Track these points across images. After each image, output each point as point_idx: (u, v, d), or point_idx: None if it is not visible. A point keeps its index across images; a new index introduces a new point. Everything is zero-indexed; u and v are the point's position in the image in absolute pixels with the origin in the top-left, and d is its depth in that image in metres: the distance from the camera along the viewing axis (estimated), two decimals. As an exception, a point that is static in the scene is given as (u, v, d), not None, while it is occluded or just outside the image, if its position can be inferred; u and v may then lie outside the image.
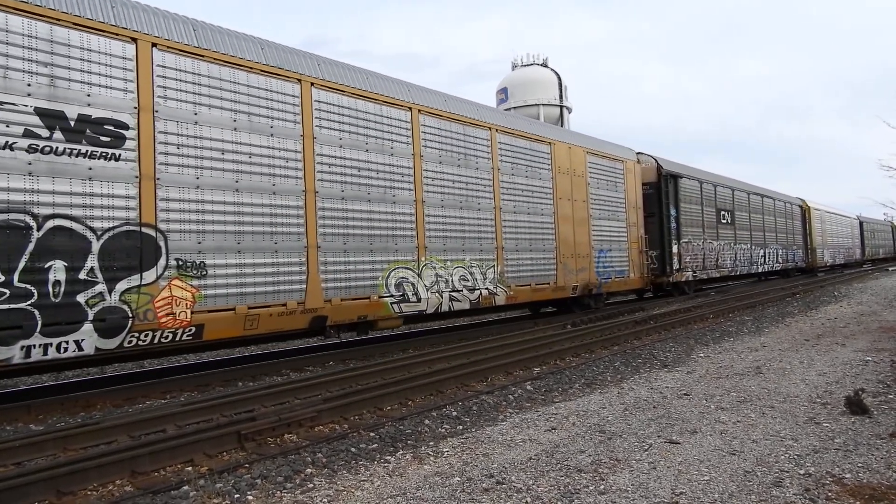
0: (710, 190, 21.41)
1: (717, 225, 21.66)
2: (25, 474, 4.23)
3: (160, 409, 6.42)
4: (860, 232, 46.56)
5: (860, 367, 7.56)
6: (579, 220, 14.43)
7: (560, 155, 14.09)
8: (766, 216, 27.07)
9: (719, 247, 21.64)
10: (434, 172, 10.89)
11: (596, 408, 6.08)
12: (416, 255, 10.29)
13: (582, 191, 14.68)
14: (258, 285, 8.00)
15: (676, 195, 18.73)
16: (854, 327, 11.39)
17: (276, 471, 4.46)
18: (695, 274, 19.49)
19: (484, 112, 12.39)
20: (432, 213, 10.72)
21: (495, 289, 11.79)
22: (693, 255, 19.45)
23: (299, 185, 8.68)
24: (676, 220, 18.56)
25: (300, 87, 8.79)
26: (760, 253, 25.75)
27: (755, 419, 5.43)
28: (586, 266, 14.51)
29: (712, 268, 20.97)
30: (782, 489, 3.84)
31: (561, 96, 37.60)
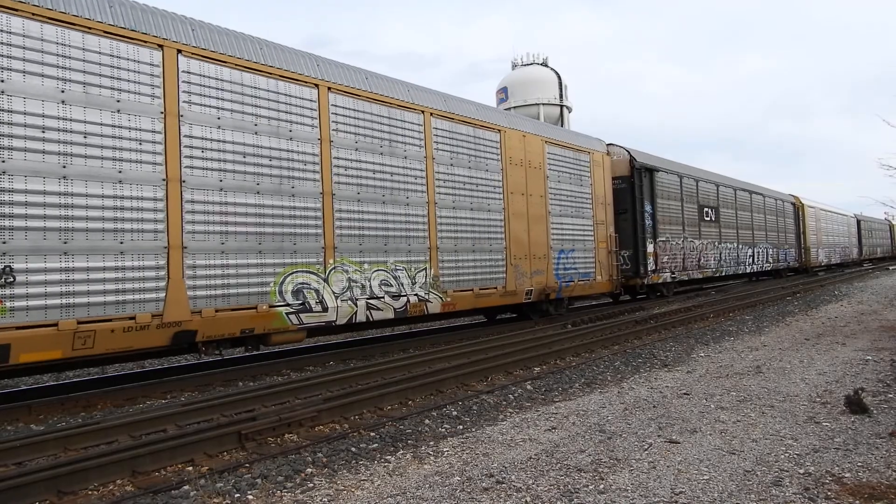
0: (691, 185, 20.15)
1: (699, 223, 20.35)
2: (26, 474, 4.23)
3: (161, 409, 6.43)
4: (857, 230, 45.26)
5: (860, 367, 7.56)
6: (535, 216, 13.06)
7: (512, 144, 12.62)
8: (755, 213, 25.72)
9: (702, 246, 20.39)
10: (348, 161, 9.38)
11: (596, 407, 6.08)
12: (323, 257, 8.86)
13: (539, 184, 13.24)
14: (93, 294, 6.55)
15: (652, 190, 17.44)
16: (854, 326, 11.39)
17: (276, 470, 4.47)
18: (673, 275, 18.22)
19: (416, 93, 10.85)
20: (345, 208, 9.25)
21: (427, 295, 10.35)
22: (672, 255, 18.22)
23: (158, 173, 7.21)
24: (652, 218, 17.31)
25: (162, 54, 7.36)
26: (748, 252, 24.45)
27: (755, 418, 5.44)
28: (543, 268, 13.10)
29: (694, 268, 19.71)
30: (782, 488, 3.84)
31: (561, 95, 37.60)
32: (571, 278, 14.04)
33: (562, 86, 37.78)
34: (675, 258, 18.45)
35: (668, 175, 18.68)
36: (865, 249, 47.16)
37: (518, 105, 36.50)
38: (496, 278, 11.97)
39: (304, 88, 8.88)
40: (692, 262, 19.64)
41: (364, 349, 10.45)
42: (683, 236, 19.12)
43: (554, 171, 13.83)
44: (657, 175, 17.84)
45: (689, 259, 19.46)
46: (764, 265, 26.23)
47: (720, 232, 21.92)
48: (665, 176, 18.45)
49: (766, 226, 26.84)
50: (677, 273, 18.49)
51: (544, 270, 13.18)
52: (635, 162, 16.89)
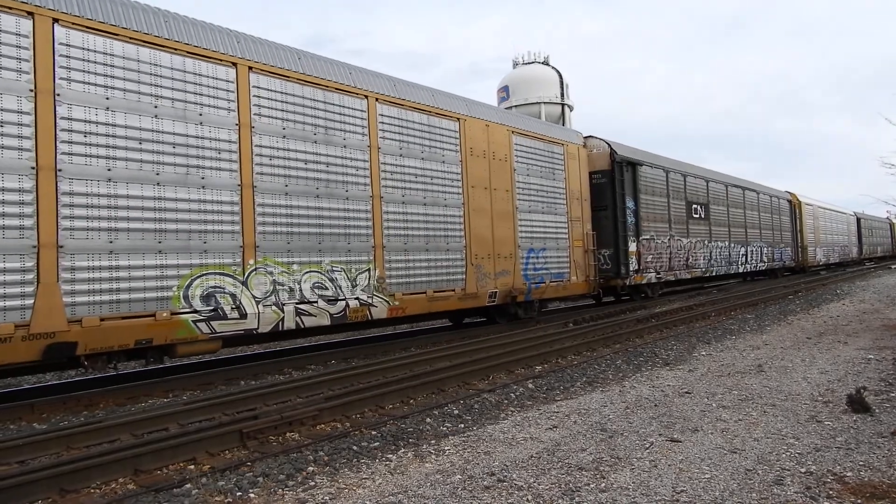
0: (678, 180, 19.01)
1: (687, 220, 19.27)
2: (29, 472, 4.25)
3: (163, 407, 6.44)
4: (857, 229, 44.15)
5: (862, 366, 7.55)
6: (500, 213, 12.09)
7: (473, 134, 11.64)
8: (749, 211, 24.55)
9: (690, 245, 19.26)
10: (273, 149, 8.41)
11: (597, 406, 6.08)
12: (241, 258, 7.89)
13: (505, 178, 12.29)
14: None
15: (635, 185, 16.42)
16: (856, 325, 11.37)
17: (278, 469, 4.48)
18: (659, 276, 17.20)
19: (360, 76, 9.83)
20: (270, 202, 8.29)
21: (370, 299, 9.41)
22: (657, 255, 17.15)
23: (25, 160, 6.26)
24: (635, 214, 16.27)
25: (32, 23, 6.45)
26: (741, 251, 23.32)
27: (756, 417, 5.43)
28: (510, 269, 12.14)
29: (681, 268, 18.59)
30: (783, 487, 3.84)
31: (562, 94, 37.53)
32: (542, 279, 13.03)
33: (563, 84, 37.72)
34: (660, 257, 17.41)
35: (653, 169, 17.70)
36: (866, 248, 46.25)
37: (519, 104, 36.46)
38: (454, 280, 11.00)
39: (218, 67, 7.95)
40: (679, 261, 18.57)
41: (366, 348, 10.46)
42: (670, 234, 18.08)
43: (522, 164, 12.91)
44: (640, 169, 16.83)
45: (677, 258, 18.39)
46: (758, 265, 25.27)
47: (710, 230, 20.86)
48: (649, 170, 17.44)
49: (761, 224, 25.80)
50: (663, 273, 17.51)
51: (511, 271, 12.23)
52: (616, 155, 15.85)
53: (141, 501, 4.00)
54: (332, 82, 9.33)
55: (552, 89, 37.41)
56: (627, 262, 15.75)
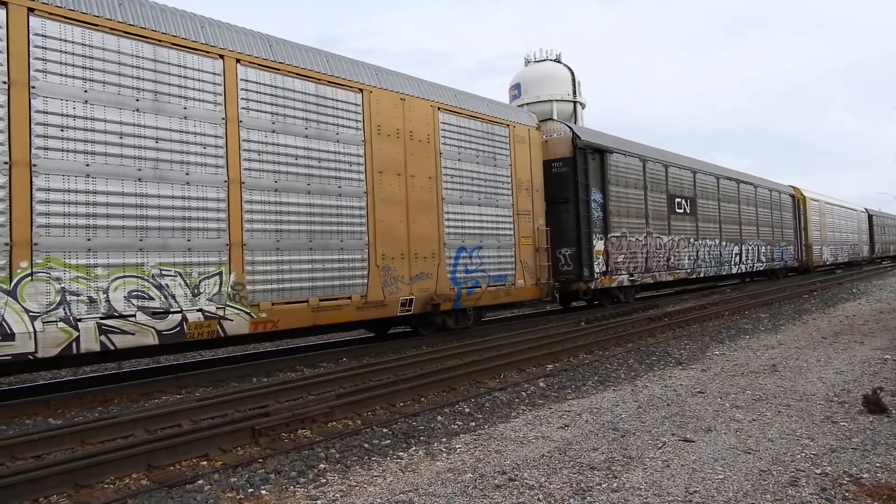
0: (657, 171, 17.01)
1: (668, 215, 17.30)
2: (44, 467, 4.30)
3: (176, 404, 6.49)
4: (869, 226, 41.45)
5: (879, 366, 7.45)
6: (420, 204, 10.17)
7: (382, 108, 9.64)
8: (744, 206, 22.50)
9: (672, 243, 17.34)
10: (73, 118, 6.60)
11: (609, 405, 6.05)
12: (7, 259, 6.04)
13: (427, 163, 10.38)
14: None
15: (603, 175, 14.57)
16: (873, 325, 11.23)
17: (289, 466, 4.49)
18: (633, 278, 15.42)
19: (214, 31, 7.97)
20: (60, 186, 6.44)
21: (221, 310, 7.57)
22: (630, 254, 15.35)
23: None
24: (603, 208, 14.48)
25: None
26: (734, 250, 21.30)
27: (771, 418, 5.38)
28: (432, 271, 10.28)
29: (661, 269, 16.63)
30: (798, 489, 3.80)
31: (574, 92, 37.43)
32: (477, 283, 11.16)
33: (575, 82, 37.61)
34: (634, 257, 15.50)
35: (627, 158, 15.77)
36: (878, 247, 43.72)
37: (531, 101, 36.38)
38: (352, 285, 9.10)
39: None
40: (659, 261, 16.60)
41: (377, 346, 10.48)
42: (646, 231, 16.15)
43: (452, 147, 10.95)
44: (610, 157, 14.91)
45: (655, 258, 16.40)
46: (755, 264, 23.22)
47: (697, 227, 18.88)
48: (621, 159, 15.54)
49: (759, 220, 23.68)
50: (638, 275, 15.62)
51: (433, 274, 10.34)
52: (578, 140, 13.91)
53: (154, 497, 4.03)
54: (169, 37, 7.46)
55: (564, 87, 37.31)
56: (591, 263, 13.88)
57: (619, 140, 16.21)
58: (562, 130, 14.17)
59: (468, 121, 11.44)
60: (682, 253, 17.95)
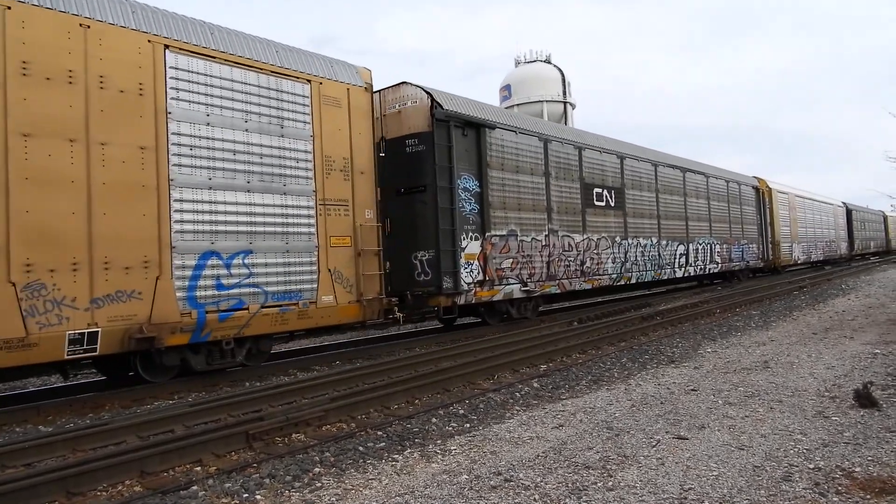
0: (566, 154, 13.85)
1: (583, 209, 14.19)
2: (36, 475, 4.25)
3: (168, 409, 6.45)
4: (847, 222, 38.74)
5: (869, 360, 7.52)
6: (119, 187, 6.98)
7: (36, 36, 6.49)
8: (693, 199, 19.47)
9: (588, 242, 14.24)
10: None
11: (603, 404, 6.07)
12: None
13: (138, 126, 7.19)
14: None
15: (479, 157, 11.44)
16: (862, 320, 11.33)
17: (284, 470, 4.48)
18: (527, 288, 12.29)
19: None
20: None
21: None
22: (523, 258, 12.27)
23: None
24: (479, 199, 11.38)
25: None
26: (679, 250, 18.30)
27: (763, 414, 5.41)
28: (142, 288, 7.08)
29: (573, 276, 13.64)
30: (792, 483, 3.82)
31: (564, 92, 37.60)
32: (242, 303, 7.96)
33: (565, 82, 37.79)
34: (530, 262, 12.46)
35: (519, 136, 12.58)
36: (858, 243, 40.91)
37: (521, 102, 36.54)
38: None
39: None
40: (569, 266, 13.55)
41: (370, 348, 10.46)
42: (549, 229, 13.07)
43: (193, 105, 7.71)
44: (491, 134, 11.78)
45: (563, 262, 13.37)
46: (707, 266, 20.26)
47: (626, 222, 15.83)
48: (510, 137, 12.29)
49: (712, 215, 20.71)
50: (536, 284, 12.52)
51: (145, 292, 7.11)
52: (439, 110, 10.75)
53: (148, 503, 4.00)
54: None
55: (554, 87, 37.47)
56: (457, 271, 10.66)
57: (504, 113, 13.35)
58: (417, 97, 10.96)
59: (232, 70, 8.12)
60: (604, 255, 14.81)
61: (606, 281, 14.94)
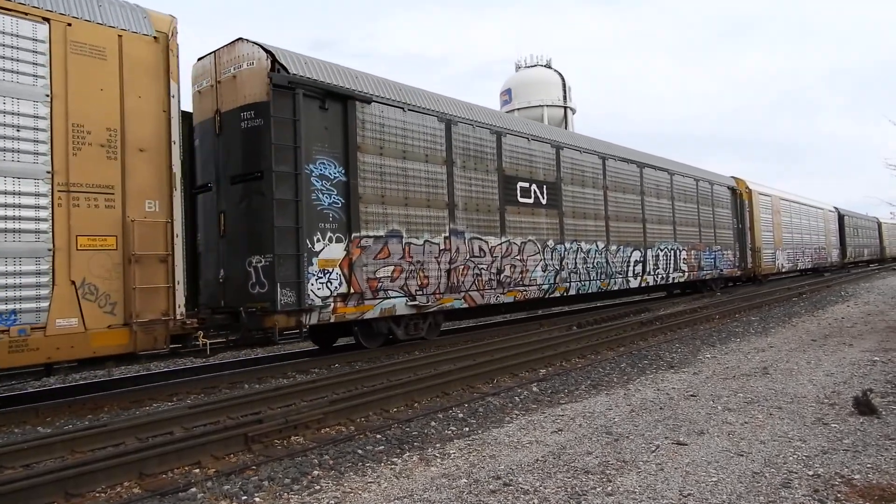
0: (477, 140, 11.39)
1: (501, 207, 11.83)
2: (34, 476, 4.25)
3: (167, 411, 6.44)
4: (839, 228, 36.83)
5: (868, 368, 7.52)
6: None
7: None
8: (652, 198, 17.18)
9: (507, 248, 11.86)
10: None
11: (602, 409, 6.07)
12: None
13: None
14: None
15: (346, 138, 9.10)
16: (861, 327, 11.33)
17: (282, 472, 4.47)
18: (416, 303, 9.90)
19: None
20: None
21: None
22: (411, 265, 9.89)
23: None
24: (344, 192, 9.02)
25: None
26: (633, 256, 15.97)
27: (763, 420, 5.41)
28: None
29: (487, 286, 11.30)
30: (791, 490, 3.82)
31: (565, 97, 37.66)
32: None
33: (565, 87, 37.86)
34: (422, 270, 10.08)
35: (408, 114, 10.11)
36: (850, 250, 38.93)
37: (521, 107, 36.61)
38: None
39: None
40: (480, 275, 11.18)
41: (368, 351, 10.44)
42: (450, 229, 10.68)
43: None
44: (364, 110, 9.36)
45: (471, 271, 11.00)
46: (671, 274, 17.81)
47: (562, 223, 13.44)
48: (392, 114, 9.84)
49: (676, 217, 18.37)
50: (431, 297, 10.19)
51: None
52: (280, 74, 8.41)
53: (146, 505, 4.00)
54: None
55: (554, 92, 37.53)
56: (301, 282, 8.30)
57: (394, 87, 10.20)
58: (254, 57, 8.56)
59: None
60: (532, 261, 12.48)
61: (535, 292, 12.56)
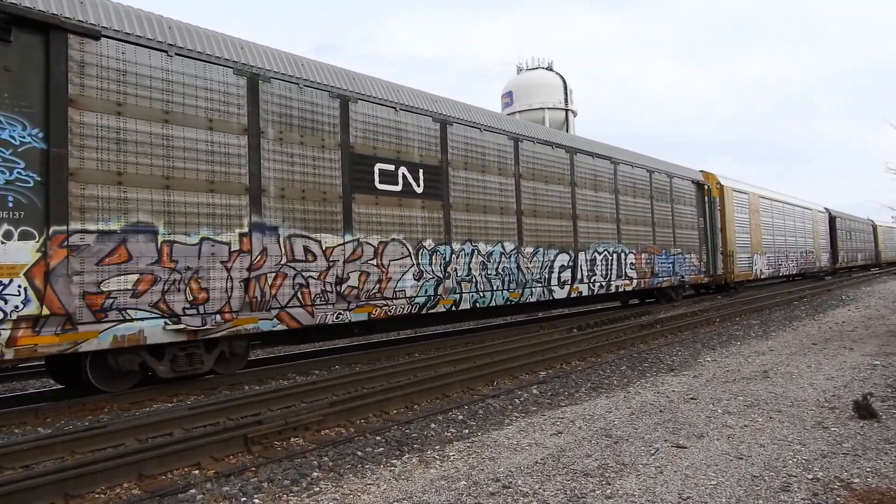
0: (305, 104, 8.72)
1: (346, 195, 9.15)
2: (34, 477, 4.25)
3: (167, 412, 6.44)
4: (830, 230, 34.34)
5: (868, 371, 7.51)
6: None
7: None
8: (588, 191, 14.57)
9: (356, 249, 9.23)
10: None
11: (602, 412, 6.06)
12: None
13: None
14: None
15: (48, 89, 6.37)
16: (862, 331, 11.32)
17: (282, 474, 4.47)
18: (181, 326, 7.20)
19: None
20: None
21: None
22: (171, 276, 7.19)
23: None
24: (41, 166, 6.29)
25: None
26: (561, 261, 13.38)
27: (762, 423, 5.41)
28: None
29: (322, 302, 8.66)
30: (790, 494, 3.82)
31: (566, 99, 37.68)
32: None
33: (567, 90, 37.88)
34: (196, 279, 7.40)
35: (174, 61, 7.35)
36: (842, 255, 36.29)
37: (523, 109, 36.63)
38: None
39: None
40: (306, 286, 8.51)
41: (369, 353, 10.45)
42: (251, 223, 7.99)
43: None
44: (86, 48, 6.67)
45: (292, 280, 8.34)
46: (613, 282, 15.21)
47: (447, 219, 10.80)
48: (146, 59, 7.15)
49: (621, 215, 15.88)
50: (213, 317, 7.54)
51: None
52: None
53: (145, 506, 4.00)
54: None
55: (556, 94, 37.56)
56: None
57: (145, 18, 7.27)
58: None
59: None
60: (397, 267, 9.87)
61: (403, 306, 9.90)
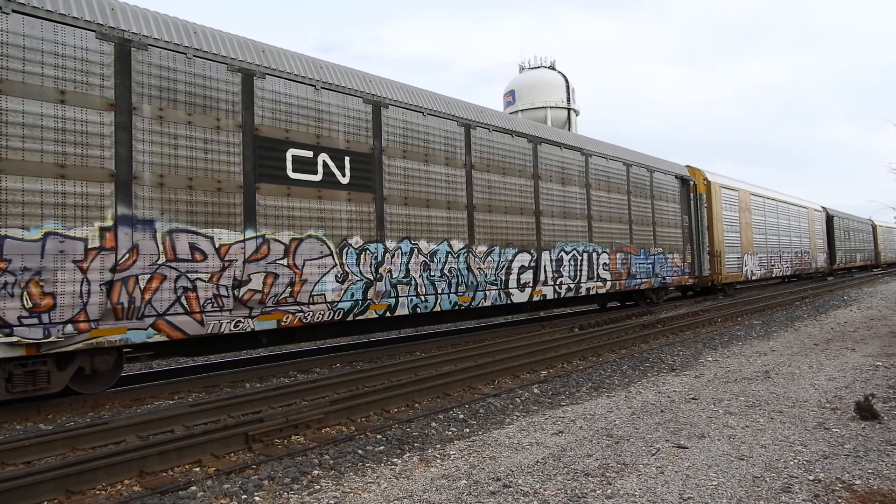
0: (195, 75, 7.47)
1: (248, 184, 7.93)
2: (35, 473, 4.26)
3: (168, 409, 6.45)
4: (827, 230, 33.04)
5: (870, 372, 7.50)
6: None
7: None
8: (554, 185, 13.32)
9: (260, 247, 7.97)
10: None
11: (603, 411, 6.06)
12: None
13: None
14: None
15: None
16: (864, 332, 11.30)
17: (283, 472, 4.47)
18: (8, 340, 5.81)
19: None
20: None
21: None
22: None
23: None
24: None
25: None
26: (518, 261, 12.11)
27: (764, 424, 5.40)
28: None
29: (216, 308, 7.41)
30: (791, 495, 3.81)
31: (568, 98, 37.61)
32: None
33: (569, 89, 37.81)
34: (38, 282, 6.06)
35: (13, 19, 6.05)
36: (840, 255, 34.94)
37: (525, 108, 36.59)
38: None
39: None
40: (199, 291, 7.33)
41: (370, 352, 10.45)
42: (117, 215, 6.72)
43: None
44: None
45: (176, 285, 7.13)
46: (583, 284, 13.92)
47: (380, 213, 9.59)
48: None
49: (593, 211, 14.54)
50: (65, 328, 6.22)
51: None
52: None
53: (146, 503, 4.00)
54: None
55: (558, 93, 37.49)
56: None
57: None
58: None
59: None
60: (313, 267, 8.62)
61: (322, 312, 8.66)
